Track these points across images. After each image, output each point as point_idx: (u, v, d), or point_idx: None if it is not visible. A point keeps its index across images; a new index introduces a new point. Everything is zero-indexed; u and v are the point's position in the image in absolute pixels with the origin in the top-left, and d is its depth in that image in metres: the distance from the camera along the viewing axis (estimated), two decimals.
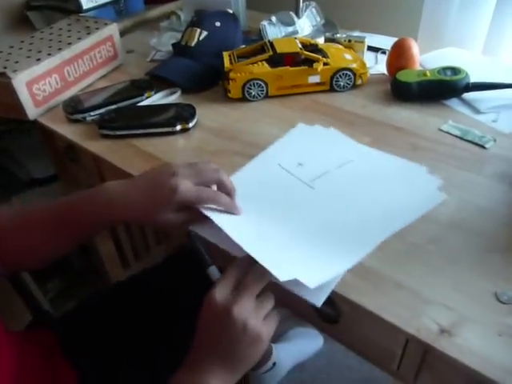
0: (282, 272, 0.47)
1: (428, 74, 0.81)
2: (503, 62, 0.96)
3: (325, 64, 0.83)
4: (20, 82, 0.79)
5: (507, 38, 0.97)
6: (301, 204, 0.63)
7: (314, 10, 1.07)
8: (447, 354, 0.44)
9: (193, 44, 0.92)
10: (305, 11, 1.07)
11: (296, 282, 0.47)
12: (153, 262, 1.46)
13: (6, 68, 0.80)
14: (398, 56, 0.86)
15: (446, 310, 0.47)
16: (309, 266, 0.51)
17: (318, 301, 0.48)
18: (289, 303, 0.62)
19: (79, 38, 0.91)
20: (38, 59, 0.83)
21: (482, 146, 0.70)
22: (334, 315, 0.55)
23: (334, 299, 0.52)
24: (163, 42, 1.09)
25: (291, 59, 0.84)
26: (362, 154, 0.71)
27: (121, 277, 1.32)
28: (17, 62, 0.82)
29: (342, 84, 0.86)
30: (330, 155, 0.71)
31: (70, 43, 0.89)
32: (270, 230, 0.57)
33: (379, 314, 0.48)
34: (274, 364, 1.19)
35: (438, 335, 0.45)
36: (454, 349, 0.44)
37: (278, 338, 1.32)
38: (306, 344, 1.34)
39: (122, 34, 1.17)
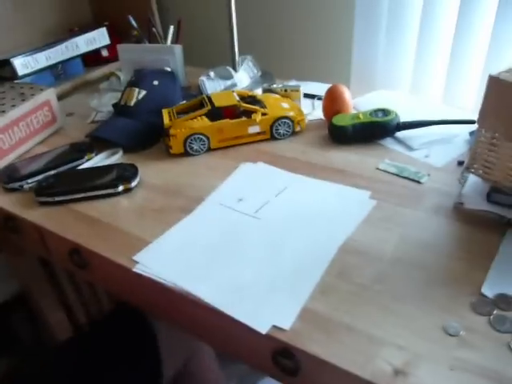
0: (260, 324, 0.51)
1: (361, 116, 0.85)
2: (429, 100, 1.03)
3: (263, 114, 0.86)
4: None
5: (430, 78, 1.04)
6: (251, 236, 0.65)
7: (250, 63, 1.12)
8: None
9: (132, 103, 0.92)
10: (241, 64, 1.11)
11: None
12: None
13: None
14: (332, 102, 0.90)
15: (397, 350, 0.47)
16: (278, 306, 0.54)
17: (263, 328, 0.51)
18: (244, 357, 0.60)
19: (13, 105, 0.89)
20: None
21: (418, 182, 0.74)
22: (293, 367, 0.54)
23: (290, 350, 0.51)
24: (104, 103, 1.09)
25: (230, 112, 0.86)
26: (293, 181, 0.77)
27: None
28: None
29: (281, 132, 0.89)
30: (265, 186, 0.76)
31: (3, 111, 0.87)
32: (230, 272, 0.59)
33: (334, 362, 0.47)
34: None
35: (393, 377, 0.45)
36: None
37: None
38: None
39: (62, 97, 1.16)
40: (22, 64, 1.11)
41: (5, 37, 1.24)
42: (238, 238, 0.64)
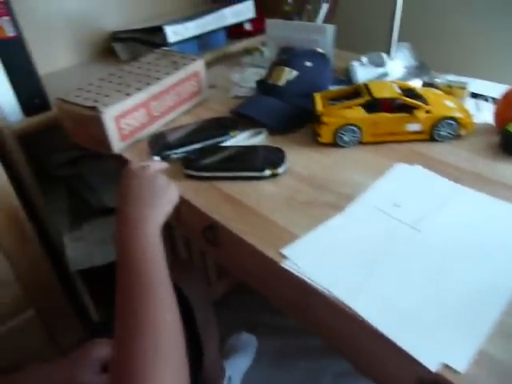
0: (429, 359, 0.45)
1: None
2: None
3: (427, 112, 0.77)
4: (110, 116, 0.78)
5: None
6: (411, 250, 0.58)
7: (407, 51, 1.02)
8: None
9: (281, 83, 0.88)
10: (397, 52, 1.02)
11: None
12: (215, 298, 1.45)
13: (96, 101, 0.80)
14: (510, 106, 0.78)
15: None
16: (448, 341, 0.47)
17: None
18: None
19: (167, 73, 0.90)
20: (128, 94, 0.82)
21: None
22: None
23: None
24: (246, 79, 1.07)
25: (388, 105, 0.79)
26: (457, 193, 0.67)
27: None
28: (107, 96, 0.82)
29: (443, 133, 0.79)
30: (424, 195, 0.67)
31: (158, 78, 0.88)
32: (389, 290, 0.53)
33: None
34: (230, 378, 1.24)
35: None
36: None
37: (225, 354, 1.32)
38: (248, 349, 1.35)
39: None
40: (174, 32, 1.12)
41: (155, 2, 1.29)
42: (396, 250, 0.58)
